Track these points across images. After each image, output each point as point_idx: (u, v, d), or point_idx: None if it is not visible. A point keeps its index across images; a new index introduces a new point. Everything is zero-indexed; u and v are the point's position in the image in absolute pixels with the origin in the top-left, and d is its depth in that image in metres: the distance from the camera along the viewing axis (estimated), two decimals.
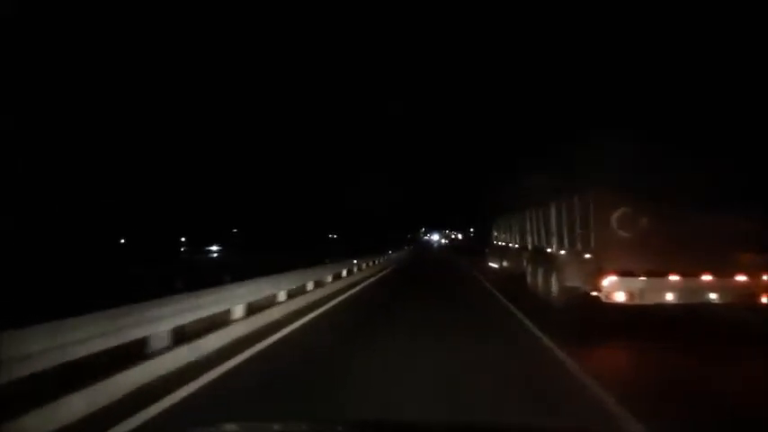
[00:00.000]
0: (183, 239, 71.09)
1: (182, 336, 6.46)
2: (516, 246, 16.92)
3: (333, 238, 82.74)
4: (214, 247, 52.50)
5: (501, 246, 20.41)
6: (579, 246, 9.75)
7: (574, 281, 10.34)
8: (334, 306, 11.97)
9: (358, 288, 16.30)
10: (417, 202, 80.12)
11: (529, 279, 14.44)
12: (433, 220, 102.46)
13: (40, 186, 41.27)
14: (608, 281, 8.57)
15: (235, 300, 8.25)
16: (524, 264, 15.18)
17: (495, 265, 21.62)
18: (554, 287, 11.56)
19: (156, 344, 5.82)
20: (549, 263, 11.91)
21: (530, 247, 14.49)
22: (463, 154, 69.92)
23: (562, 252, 10.98)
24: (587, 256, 9.31)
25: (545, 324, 8.67)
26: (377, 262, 26.36)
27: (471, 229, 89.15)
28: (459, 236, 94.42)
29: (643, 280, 8.52)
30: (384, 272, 24.77)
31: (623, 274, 8.55)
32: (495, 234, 22.01)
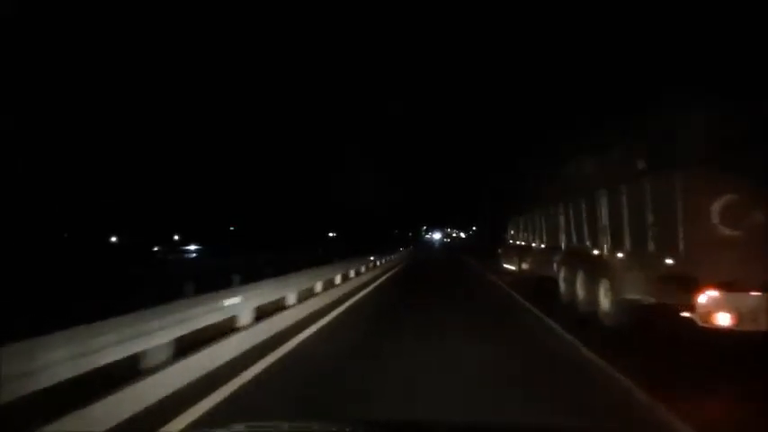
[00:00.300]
0: (176, 237, 68.43)
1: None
2: (542, 246, 14.40)
3: (332, 236, 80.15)
4: (192, 247, 49.01)
5: (519, 245, 17.89)
6: (653, 247, 7.23)
7: (637, 292, 7.87)
8: None
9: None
10: (418, 200, 77.55)
11: (562, 286, 11.93)
12: (434, 218, 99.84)
13: (40, 186, 39.76)
14: (707, 297, 6.07)
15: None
16: (554, 268, 12.67)
17: (511, 267, 19.11)
18: (604, 299, 9.06)
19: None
20: (597, 268, 9.39)
21: (563, 246, 11.98)
22: (464, 151, 67.71)
23: (620, 255, 8.46)
24: (669, 261, 6.80)
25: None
26: (378, 263, 23.81)
27: (474, 228, 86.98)
28: (462, 234, 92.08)
29: (758, 296, 6.02)
30: (383, 278, 22.32)
31: (729, 287, 6.05)
32: (512, 232, 19.46)
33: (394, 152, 63.45)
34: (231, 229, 75.53)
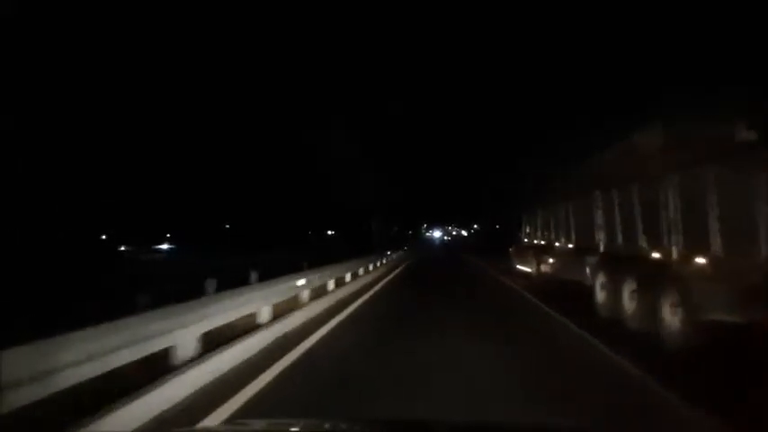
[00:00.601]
0: (168, 235, 66.07)
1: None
2: (569, 245, 12.25)
3: (331, 234, 77.75)
4: (164, 246, 45.75)
5: (537, 245, 15.76)
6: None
7: (726, 311, 5.76)
8: None
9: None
10: (418, 199, 75.17)
11: (599, 296, 9.82)
12: (434, 216, 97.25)
13: (39, 186, 38.40)
14: None
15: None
16: (587, 272, 10.55)
17: (526, 269, 16.99)
18: (670, 316, 6.94)
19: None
20: (660, 276, 7.25)
21: (602, 246, 9.83)
22: (464, 151, 65.64)
23: (701, 260, 6.31)
24: None
25: None
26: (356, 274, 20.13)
27: (475, 226, 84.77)
28: (464, 232, 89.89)
29: None
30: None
31: None
32: (528, 230, 17.32)
33: (394, 152, 60.95)
34: (227, 227, 73.00)
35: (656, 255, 7.45)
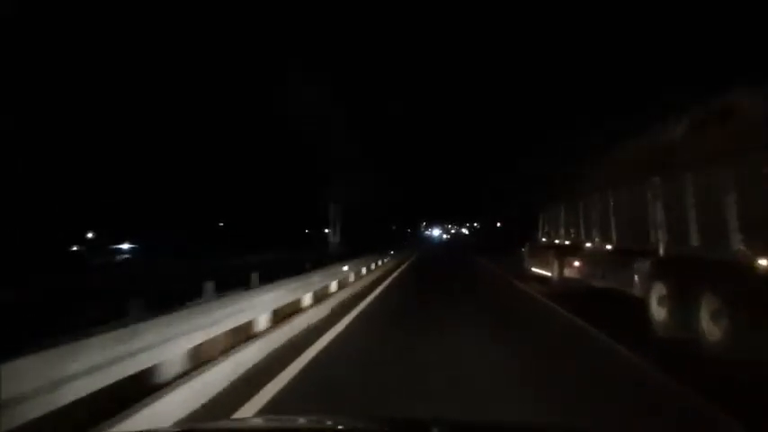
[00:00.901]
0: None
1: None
2: (608, 246, 10.06)
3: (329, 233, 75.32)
4: (125, 246, 42.29)
5: (559, 245, 13.58)
6: None
7: None
8: None
9: None
10: (417, 197, 73.30)
11: (657, 312, 7.64)
12: (433, 214, 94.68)
13: (39, 186, 36.67)
14: None
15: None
16: (636, 280, 8.39)
17: (543, 273, 14.80)
18: None
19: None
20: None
21: (661, 249, 7.65)
22: (464, 150, 64.13)
23: None
24: None
25: None
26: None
27: (476, 224, 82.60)
28: (465, 230, 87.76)
29: None
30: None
31: None
32: (546, 228, 15.12)
33: (394, 152, 58.98)
34: (221, 225, 70.52)
35: (764, 262, 5.28)
